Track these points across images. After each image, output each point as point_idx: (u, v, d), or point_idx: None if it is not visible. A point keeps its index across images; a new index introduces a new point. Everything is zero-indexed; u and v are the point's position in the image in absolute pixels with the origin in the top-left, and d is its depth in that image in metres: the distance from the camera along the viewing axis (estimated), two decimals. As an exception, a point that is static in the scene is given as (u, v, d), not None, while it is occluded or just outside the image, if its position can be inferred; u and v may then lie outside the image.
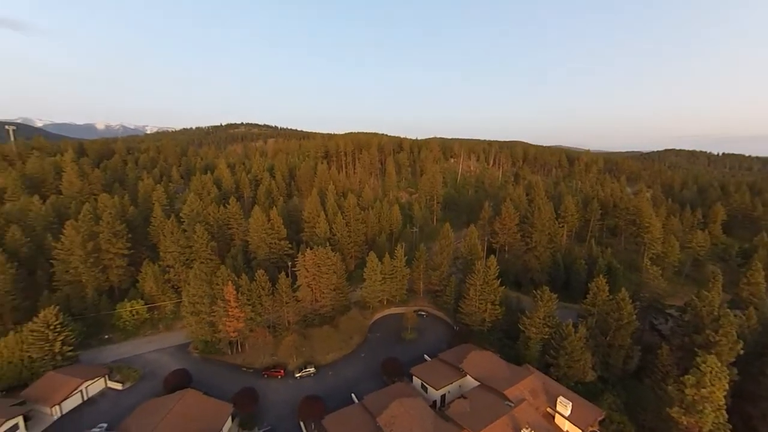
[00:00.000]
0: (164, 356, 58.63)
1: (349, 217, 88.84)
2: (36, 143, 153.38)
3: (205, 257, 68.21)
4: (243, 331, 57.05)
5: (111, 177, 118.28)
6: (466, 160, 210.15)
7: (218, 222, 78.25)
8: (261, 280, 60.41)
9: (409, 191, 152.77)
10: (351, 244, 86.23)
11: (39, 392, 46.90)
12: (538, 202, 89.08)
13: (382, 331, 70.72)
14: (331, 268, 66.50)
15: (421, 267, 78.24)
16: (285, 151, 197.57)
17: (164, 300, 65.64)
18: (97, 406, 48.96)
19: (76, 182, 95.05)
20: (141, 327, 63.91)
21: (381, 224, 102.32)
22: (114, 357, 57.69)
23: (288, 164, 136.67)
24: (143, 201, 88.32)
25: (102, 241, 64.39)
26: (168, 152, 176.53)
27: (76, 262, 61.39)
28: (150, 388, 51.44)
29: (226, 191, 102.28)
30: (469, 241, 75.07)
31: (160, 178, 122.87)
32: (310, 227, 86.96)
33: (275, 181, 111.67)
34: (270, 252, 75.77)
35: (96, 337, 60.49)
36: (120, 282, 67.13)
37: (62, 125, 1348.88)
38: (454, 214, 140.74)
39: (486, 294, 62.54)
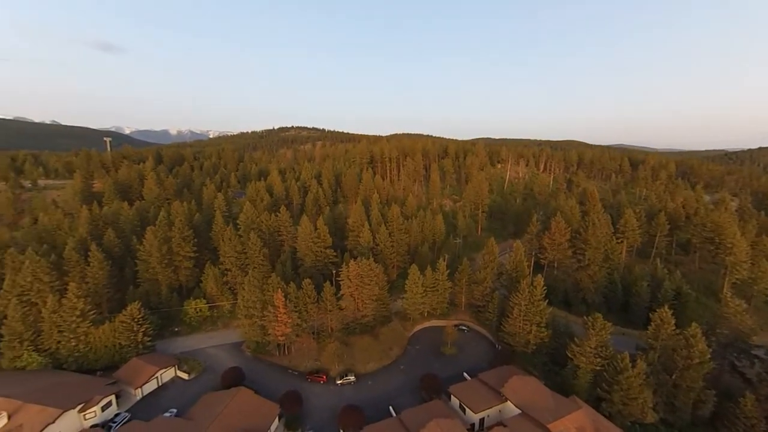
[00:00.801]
0: (222, 352, 64.67)
1: (393, 227, 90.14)
2: (125, 152, 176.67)
3: (257, 263, 73.85)
4: (290, 335, 60.97)
5: (181, 183, 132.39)
6: (513, 165, 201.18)
7: (270, 229, 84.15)
8: (307, 289, 63.99)
9: (453, 198, 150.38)
10: (393, 254, 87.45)
11: (126, 375, 54.59)
12: (593, 216, 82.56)
13: (421, 343, 70.94)
14: (374, 280, 68.23)
15: (463, 281, 77.06)
16: (332, 156, 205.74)
17: (222, 300, 72.35)
18: (168, 392, 55.62)
19: (155, 189, 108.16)
20: (203, 323, 71.11)
21: (424, 234, 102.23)
22: (181, 349, 64.90)
23: (334, 171, 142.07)
24: (207, 207, 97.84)
25: (174, 245, 72.86)
26: (227, 158, 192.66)
27: (154, 262, 70.35)
28: (210, 381, 57.14)
29: (277, 198, 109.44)
30: (515, 257, 72.24)
31: (220, 183, 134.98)
32: (354, 236, 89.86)
33: (322, 188, 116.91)
34: (316, 260, 79.70)
35: (168, 329, 68.49)
36: (187, 281, 75.36)
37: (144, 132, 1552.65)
38: (499, 224, 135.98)
39: (531, 315, 59.94)
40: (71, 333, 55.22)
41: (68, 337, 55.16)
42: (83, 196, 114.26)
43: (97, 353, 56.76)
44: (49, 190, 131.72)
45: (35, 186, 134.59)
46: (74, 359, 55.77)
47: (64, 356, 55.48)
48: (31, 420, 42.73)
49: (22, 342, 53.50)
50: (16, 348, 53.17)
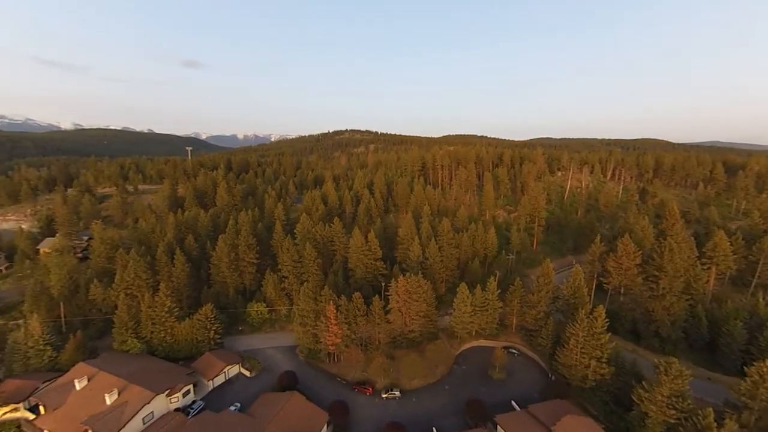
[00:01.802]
0: (278, 354, 70.36)
1: (443, 241, 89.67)
2: (202, 160, 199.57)
3: (312, 272, 78.86)
4: (339, 345, 64.29)
5: (247, 189, 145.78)
6: (575, 172, 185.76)
7: (324, 239, 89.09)
8: (357, 302, 66.80)
9: (507, 209, 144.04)
10: (443, 269, 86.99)
11: (201, 367, 62.27)
12: (671, 240, 73.09)
13: (468, 364, 69.72)
14: (422, 296, 68.82)
15: (515, 302, 74.03)
16: (384, 162, 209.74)
17: (280, 305, 78.60)
18: (233, 386, 62.23)
19: (225, 196, 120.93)
20: (263, 324, 77.94)
21: (475, 248, 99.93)
22: (244, 347, 71.95)
23: (386, 179, 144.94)
24: (268, 215, 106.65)
25: (240, 251, 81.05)
26: (286, 165, 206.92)
27: (224, 267, 79.07)
28: (268, 381, 62.60)
29: (331, 207, 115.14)
30: (573, 282, 67.30)
31: (280, 190, 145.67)
32: (404, 248, 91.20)
33: (374, 198, 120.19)
34: (366, 271, 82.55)
35: (233, 327, 76.40)
36: (250, 285, 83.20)
37: (217, 137, 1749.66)
38: (557, 238, 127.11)
39: (590, 348, 55.56)
40: (161, 326, 64.74)
41: (159, 329, 64.73)
42: (170, 201, 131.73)
43: (179, 345, 65.57)
44: (146, 194, 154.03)
45: (136, 191, 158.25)
46: (163, 348, 65.16)
47: (155, 345, 65.11)
48: (133, 399, 51.10)
49: (126, 329, 64.12)
50: (123, 334, 63.88)
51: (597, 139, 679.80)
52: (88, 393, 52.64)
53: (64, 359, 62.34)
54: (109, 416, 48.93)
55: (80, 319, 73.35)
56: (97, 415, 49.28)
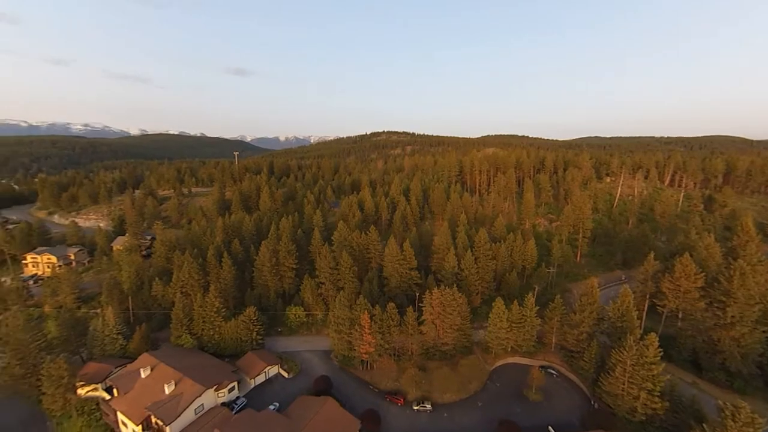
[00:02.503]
0: (314, 358, 73.44)
1: (479, 252, 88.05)
2: (247, 164, 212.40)
3: (348, 279, 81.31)
4: (372, 354, 65.77)
5: (287, 193, 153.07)
6: (627, 178, 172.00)
7: (360, 246, 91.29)
8: (391, 312, 67.84)
9: (549, 218, 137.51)
10: (478, 281, 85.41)
11: (244, 365, 66.90)
12: (742, 263, 65.12)
13: (502, 381, 67.93)
14: (456, 310, 68.24)
15: (555, 320, 70.79)
16: (420, 167, 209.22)
17: (317, 310, 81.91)
18: (272, 386, 66.04)
19: (268, 201, 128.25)
20: (300, 327, 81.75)
21: (513, 259, 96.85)
22: (283, 348, 75.98)
23: (422, 185, 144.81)
24: (307, 220, 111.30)
25: (280, 257, 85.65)
26: (325, 169, 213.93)
27: (265, 271, 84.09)
28: (304, 383, 65.59)
29: (367, 214, 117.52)
30: (621, 304, 62.86)
31: (318, 195, 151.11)
32: (439, 258, 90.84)
33: (410, 205, 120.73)
34: (401, 280, 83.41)
35: (273, 328, 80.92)
36: (289, 288, 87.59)
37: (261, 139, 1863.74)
38: (604, 251, 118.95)
39: (639, 378, 51.73)
40: (210, 324, 70.56)
41: (208, 327, 70.61)
42: (219, 204, 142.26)
43: (226, 343, 70.91)
44: (198, 197, 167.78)
45: (190, 193, 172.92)
46: (211, 345, 70.95)
47: (205, 341, 71.10)
48: (187, 391, 56.35)
49: (181, 325, 70.79)
50: (178, 329, 70.63)
51: (654, 137, 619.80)
52: (151, 382, 58.83)
53: (131, 348, 70.23)
54: (168, 405, 54.40)
55: (144, 312, 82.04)
56: (159, 402, 54.94)
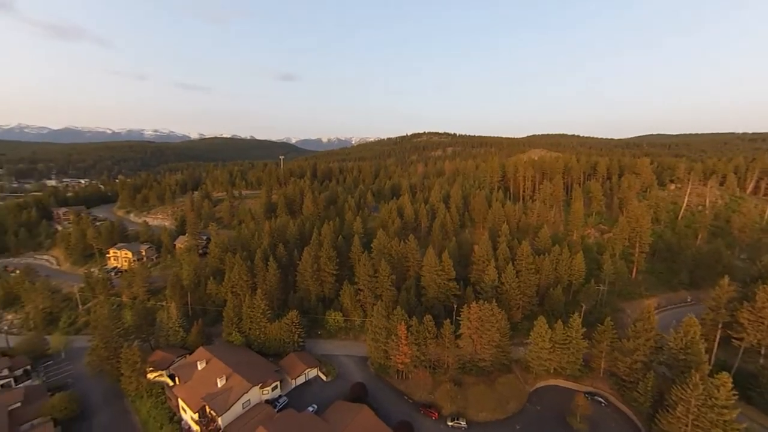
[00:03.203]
0: (351, 363, 75.70)
1: (521, 265, 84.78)
2: (292, 167, 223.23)
3: (386, 287, 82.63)
4: (408, 365, 66.33)
5: (329, 198, 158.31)
6: (697, 185, 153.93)
7: (398, 255, 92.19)
8: (428, 324, 67.87)
9: (600, 228, 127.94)
10: (519, 295, 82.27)
11: (286, 365, 70.92)
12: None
13: (543, 404, 64.88)
14: (495, 326, 66.53)
15: (604, 344, 66.11)
16: (462, 171, 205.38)
17: (355, 316, 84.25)
18: (311, 388, 69.31)
19: (311, 206, 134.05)
20: (339, 331, 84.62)
21: (558, 273, 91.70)
22: (322, 351, 79.23)
23: (463, 191, 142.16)
24: (348, 226, 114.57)
25: (321, 262, 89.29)
26: (365, 173, 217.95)
27: (307, 276, 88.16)
28: (341, 388, 67.82)
29: (407, 221, 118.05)
30: (686, 334, 56.86)
31: (359, 200, 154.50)
32: (478, 269, 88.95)
33: (450, 213, 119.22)
34: (438, 291, 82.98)
35: (313, 331, 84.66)
36: (329, 293, 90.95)
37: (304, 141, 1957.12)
38: (666, 267, 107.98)
39: (707, 422, 46.54)
40: (256, 324, 75.72)
41: (255, 327, 75.83)
42: (266, 207, 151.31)
43: (270, 342, 75.61)
44: (248, 199, 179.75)
45: (240, 195, 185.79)
46: (257, 344, 76.07)
47: (252, 340, 76.43)
48: (236, 387, 61.20)
49: (232, 324, 76.84)
50: (229, 327, 76.79)
51: (735, 133, 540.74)
52: (206, 374, 64.68)
53: (190, 340, 77.73)
54: (220, 397, 59.54)
55: (200, 307, 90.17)
56: (212, 394, 60.28)
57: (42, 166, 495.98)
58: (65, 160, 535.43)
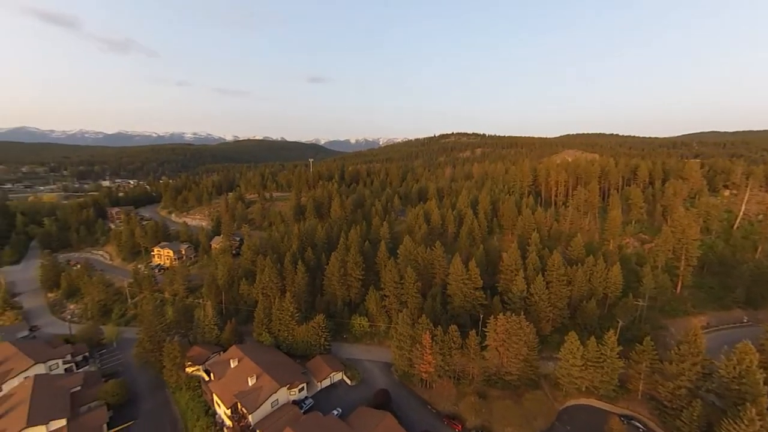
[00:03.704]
0: (375, 369, 76.54)
1: (552, 276, 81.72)
2: (321, 170, 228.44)
3: (411, 294, 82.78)
4: (432, 374, 66.10)
5: (356, 201, 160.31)
6: (757, 190, 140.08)
7: (424, 261, 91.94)
8: (453, 334, 67.32)
9: (640, 238, 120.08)
10: (550, 308, 79.33)
11: (312, 368, 73.06)
12: None
13: (573, 424, 62.13)
14: (522, 339, 64.71)
15: (643, 365, 62.23)
16: (491, 175, 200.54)
17: (380, 321, 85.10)
18: (336, 391, 70.88)
19: (339, 210, 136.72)
20: (363, 336, 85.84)
21: (592, 285, 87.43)
22: (347, 355, 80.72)
23: (491, 196, 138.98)
24: (374, 231, 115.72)
25: (348, 267, 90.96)
26: (393, 176, 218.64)
27: (334, 280, 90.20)
28: (364, 393, 68.78)
29: (433, 227, 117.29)
30: (740, 362, 52.11)
31: (386, 203, 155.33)
32: (506, 279, 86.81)
33: (478, 219, 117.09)
34: (465, 300, 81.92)
35: (339, 335, 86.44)
36: (355, 297, 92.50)
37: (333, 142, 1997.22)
38: (718, 282, 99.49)
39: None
40: (285, 326, 78.66)
41: (283, 328, 78.83)
42: (295, 209, 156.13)
43: (297, 344, 78.21)
44: (278, 201, 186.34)
45: (271, 197, 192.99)
46: (285, 345, 79.04)
47: (280, 341, 79.52)
48: (265, 386, 63.98)
49: (262, 324, 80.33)
50: (259, 328, 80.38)
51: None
52: (238, 372, 68.11)
53: (224, 338, 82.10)
54: (250, 396, 62.54)
55: (233, 307, 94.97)
56: (243, 392, 63.43)
57: (98, 168, 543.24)
58: (117, 163, 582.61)
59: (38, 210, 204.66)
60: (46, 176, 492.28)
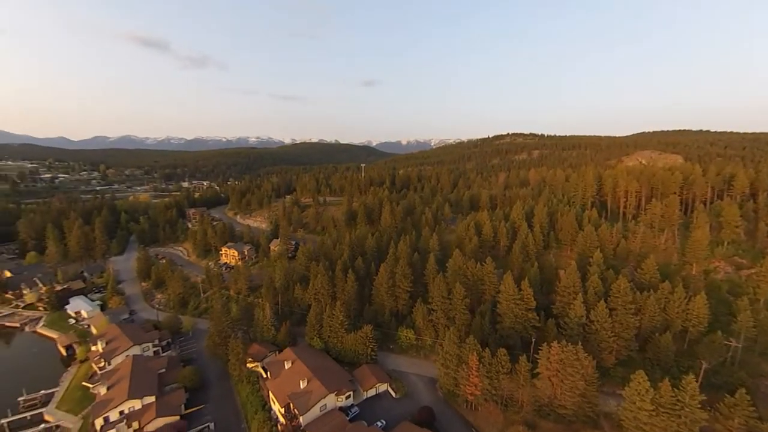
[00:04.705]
0: (420, 383, 76.62)
1: (617, 303, 74.46)
2: (372, 176, 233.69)
3: (459, 310, 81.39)
4: (478, 397, 64.41)
5: (407, 208, 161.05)
6: None
7: (474, 277, 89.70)
8: (502, 358, 64.83)
9: (735, 262, 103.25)
10: (613, 338, 72.35)
11: (359, 376, 75.50)
12: None
13: (640, 474, 55.98)
14: (579, 372, 60.05)
15: (734, 422, 53.83)
16: (549, 182, 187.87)
17: (426, 335, 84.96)
18: (381, 402, 72.32)
19: (389, 218, 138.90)
20: (409, 348, 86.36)
21: (668, 316, 77.76)
22: (392, 366, 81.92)
23: (549, 208, 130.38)
24: (424, 242, 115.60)
25: (396, 279, 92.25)
26: (444, 182, 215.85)
27: (383, 291, 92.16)
28: (408, 407, 69.20)
29: (485, 239, 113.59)
30: None
31: (436, 212, 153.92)
32: (563, 302, 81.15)
33: (533, 233, 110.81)
34: (516, 321, 78.36)
35: (385, 344, 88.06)
36: (402, 309, 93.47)
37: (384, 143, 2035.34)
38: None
39: None
40: (334, 333, 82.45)
41: (333, 335, 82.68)
42: (347, 215, 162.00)
43: (345, 352, 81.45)
44: (331, 206, 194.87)
45: (325, 202, 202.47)
46: (335, 351, 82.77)
47: (330, 346, 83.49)
48: (315, 391, 67.89)
49: (313, 329, 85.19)
50: (311, 333, 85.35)
51: None
52: (291, 374, 73.19)
53: (279, 338, 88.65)
54: (302, 398, 66.88)
55: (288, 309, 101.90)
56: (296, 393, 68.01)
57: (179, 170, 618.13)
58: (194, 165, 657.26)
59: (136, 208, 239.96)
60: (141, 178, 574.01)
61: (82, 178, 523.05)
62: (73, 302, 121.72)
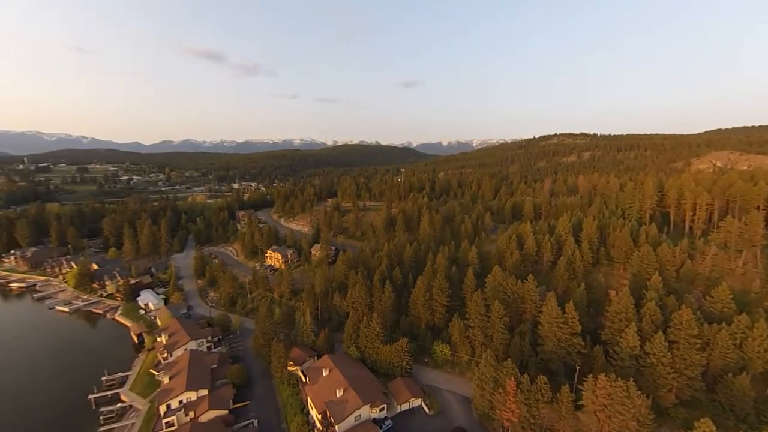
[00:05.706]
0: (454, 401, 75.50)
1: (679, 335, 67.47)
2: (411, 182, 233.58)
3: (497, 329, 78.99)
4: (515, 424, 62.09)
5: (446, 216, 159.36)
6: None
7: (514, 295, 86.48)
8: (542, 386, 61.88)
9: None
10: (673, 374, 65.53)
11: (393, 389, 76.34)
12: None
13: None
14: (630, 411, 55.45)
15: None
16: (600, 191, 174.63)
17: (462, 351, 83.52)
18: (414, 418, 72.39)
19: (428, 229, 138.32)
20: (445, 363, 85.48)
21: (744, 354, 68.74)
22: (427, 381, 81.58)
23: (599, 221, 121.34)
24: (462, 254, 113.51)
25: (434, 292, 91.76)
26: (485, 189, 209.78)
27: (419, 304, 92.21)
28: (441, 425, 68.45)
29: (526, 253, 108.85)
30: None
31: (476, 221, 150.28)
32: (613, 329, 75.26)
33: (580, 249, 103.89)
34: (558, 345, 74.25)
35: (420, 357, 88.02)
36: (439, 322, 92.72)
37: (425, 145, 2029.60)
38: None
39: None
40: (371, 344, 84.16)
41: (369, 346, 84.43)
42: (386, 221, 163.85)
43: (381, 363, 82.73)
44: (370, 211, 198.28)
45: (364, 207, 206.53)
46: (371, 361, 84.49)
47: (366, 356, 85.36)
48: (351, 400, 69.89)
49: (350, 338, 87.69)
50: (348, 341, 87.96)
51: None
52: (328, 382, 76.05)
53: (318, 343, 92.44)
54: (338, 407, 69.27)
55: (327, 315, 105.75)
56: (332, 401, 70.60)
57: (231, 173, 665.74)
58: (243, 168, 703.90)
59: (194, 209, 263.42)
60: (199, 179, 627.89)
61: (151, 180, 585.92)
62: (143, 295, 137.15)
